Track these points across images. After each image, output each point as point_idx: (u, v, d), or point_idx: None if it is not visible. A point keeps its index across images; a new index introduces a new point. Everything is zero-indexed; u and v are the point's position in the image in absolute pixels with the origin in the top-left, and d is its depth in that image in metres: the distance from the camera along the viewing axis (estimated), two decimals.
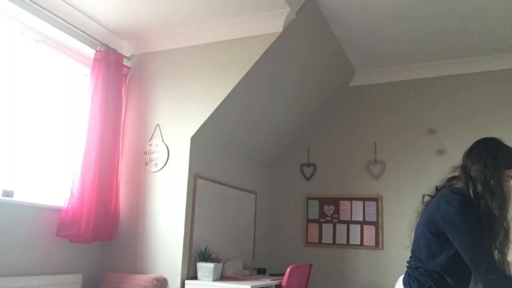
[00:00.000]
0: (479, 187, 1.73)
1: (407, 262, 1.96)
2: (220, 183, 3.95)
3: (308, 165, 4.85)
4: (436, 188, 1.93)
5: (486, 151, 1.80)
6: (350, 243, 4.48)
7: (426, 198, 1.95)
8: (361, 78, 4.81)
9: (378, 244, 4.34)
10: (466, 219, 1.68)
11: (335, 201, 4.64)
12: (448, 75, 4.46)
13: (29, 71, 3.28)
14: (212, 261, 3.42)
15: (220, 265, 3.49)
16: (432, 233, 1.79)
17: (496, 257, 1.71)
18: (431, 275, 1.79)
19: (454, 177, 1.90)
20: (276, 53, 3.59)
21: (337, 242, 4.53)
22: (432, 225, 1.79)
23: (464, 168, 1.84)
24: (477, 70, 4.35)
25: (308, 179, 4.82)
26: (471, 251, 1.65)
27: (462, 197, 1.73)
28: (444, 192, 1.81)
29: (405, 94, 4.61)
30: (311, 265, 3.97)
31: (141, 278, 3.35)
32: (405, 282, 1.88)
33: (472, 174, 1.77)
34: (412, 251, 1.92)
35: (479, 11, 3.48)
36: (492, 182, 1.72)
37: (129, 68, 3.99)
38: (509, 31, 3.77)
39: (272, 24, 3.43)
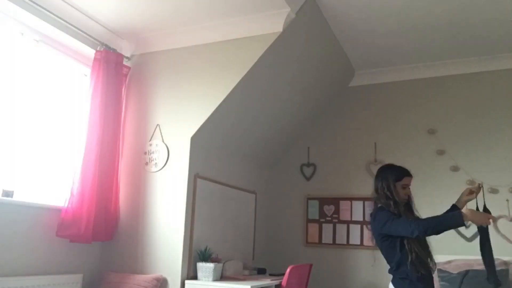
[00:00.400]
0: (383, 198, 2.56)
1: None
2: (220, 183, 3.95)
3: (308, 165, 4.85)
4: (370, 214, 2.67)
5: (380, 172, 2.65)
6: (350, 243, 4.48)
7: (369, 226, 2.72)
8: (361, 78, 4.81)
9: None
10: (389, 217, 2.45)
11: (335, 201, 4.64)
12: (448, 75, 4.46)
13: (29, 71, 3.28)
14: (212, 261, 3.42)
15: (220, 265, 3.49)
16: (383, 243, 2.50)
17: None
18: (405, 271, 2.41)
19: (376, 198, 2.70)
20: (276, 53, 3.59)
21: (337, 242, 4.53)
22: (379, 237, 2.51)
23: (375, 188, 2.66)
24: (477, 70, 4.35)
25: (308, 179, 4.82)
26: (401, 224, 2.39)
27: (381, 208, 2.54)
28: (372, 214, 2.63)
29: (405, 94, 4.61)
30: (311, 265, 3.97)
31: (141, 278, 3.35)
32: (394, 283, 2.49)
33: (378, 191, 2.61)
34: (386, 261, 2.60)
35: (479, 11, 3.48)
36: (387, 192, 2.54)
37: (129, 68, 3.99)
38: (509, 31, 3.77)
39: (272, 24, 3.44)
